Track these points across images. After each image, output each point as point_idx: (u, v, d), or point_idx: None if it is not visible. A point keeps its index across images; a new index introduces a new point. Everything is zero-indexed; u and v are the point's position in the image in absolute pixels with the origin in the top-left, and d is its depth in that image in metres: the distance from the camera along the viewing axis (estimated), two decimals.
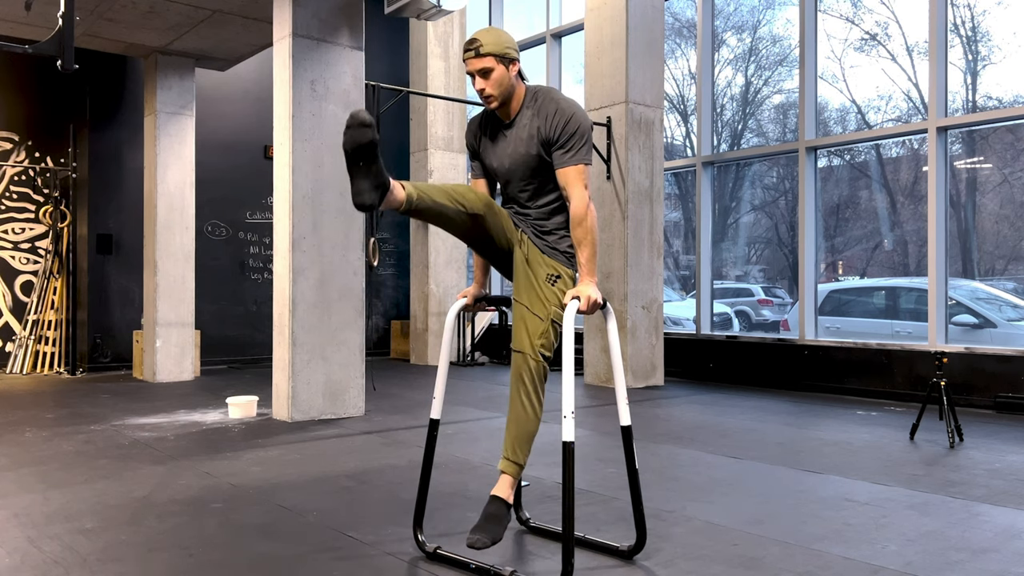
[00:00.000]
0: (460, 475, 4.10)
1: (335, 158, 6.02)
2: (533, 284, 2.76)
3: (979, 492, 3.78)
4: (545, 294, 2.74)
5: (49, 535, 3.09)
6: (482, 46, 2.68)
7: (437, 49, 10.32)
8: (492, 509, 2.70)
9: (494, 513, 2.69)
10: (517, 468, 2.74)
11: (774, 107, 8.77)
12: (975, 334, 6.90)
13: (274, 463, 4.40)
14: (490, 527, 2.65)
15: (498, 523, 2.67)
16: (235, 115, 9.95)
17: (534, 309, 2.73)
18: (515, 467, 2.73)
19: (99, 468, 4.27)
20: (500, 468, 2.74)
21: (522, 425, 2.71)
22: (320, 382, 5.90)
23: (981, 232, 7.08)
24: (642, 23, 7.82)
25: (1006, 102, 6.88)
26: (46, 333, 9.22)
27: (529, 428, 2.72)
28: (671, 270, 9.74)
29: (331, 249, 6.00)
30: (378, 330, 11.38)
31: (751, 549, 2.94)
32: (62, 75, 9.48)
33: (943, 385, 5.01)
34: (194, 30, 7.61)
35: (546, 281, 2.75)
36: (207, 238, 9.73)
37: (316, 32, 5.96)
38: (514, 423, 2.72)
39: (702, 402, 6.81)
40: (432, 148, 10.14)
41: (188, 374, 8.37)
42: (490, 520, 2.67)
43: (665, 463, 4.40)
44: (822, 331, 7.84)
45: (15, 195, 9.36)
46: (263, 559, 2.83)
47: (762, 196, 8.90)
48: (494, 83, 2.70)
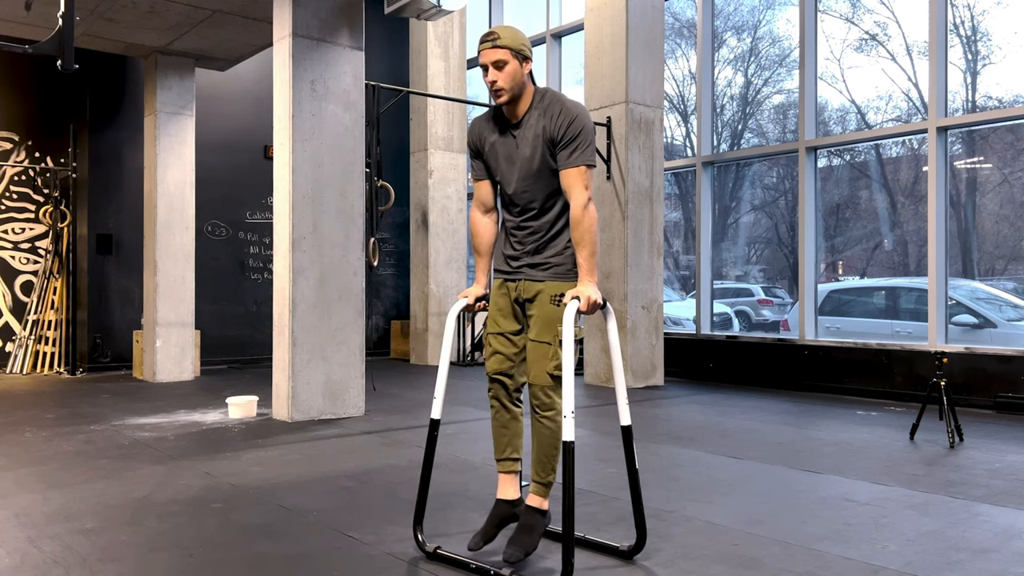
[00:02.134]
0: (460, 475, 4.10)
1: (335, 158, 6.03)
2: (537, 316, 2.76)
3: (979, 492, 3.78)
4: (551, 316, 2.74)
5: (49, 535, 3.09)
6: (500, 38, 2.69)
7: (437, 49, 10.32)
8: (527, 520, 2.75)
9: (528, 524, 2.74)
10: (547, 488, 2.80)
11: (774, 107, 8.77)
12: (975, 334, 6.90)
13: (274, 463, 4.40)
14: (523, 538, 2.70)
15: (531, 533, 2.71)
16: (235, 115, 9.95)
17: (541, 338, 2.73)
18: (545, 488, 2.79)
19: (99, 468, 4.27)
20: (533, 492, 2.79)
21: (548, 446, 2.76)
22: (320, 382, 5.90)
23: (981, 232, 7.08)
24: (642, 23, 7.82)
25: (1006, 102, 6.88)
26: (46, 333, 9.22)
27: (555, 443, 2.76)
28: (671, 270, 9.74)
29: (331, 249, 6.00)
30: (378, 330, 11.38)
31: (751, 549, 2.94)
32: (62, 75, 9.48)
33: (943, 385, 5.01)
34: (194, 30, 7.61)
35: (550, 303, 2.75)
36: (207, 238, 9.73)
37: (316, 32, 5.96)
38: (539, 447, 2.77)
39: (702, 402, 6.81)
40: (432, 148, 10.14)
41: (188, 374, 8.37)
42: (523, 531, 2.72)
43: (665, 463, 4.40)
44: (822, 331, 7.84)
45: (15, 195, 9.36)
46: (263, 559, 2.83)
47: (762, 196, 8.90)
48: (507, 76, 2.70)
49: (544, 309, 2.74)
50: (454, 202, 10.29)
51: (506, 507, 2.82)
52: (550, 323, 2.72)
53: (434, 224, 10.11)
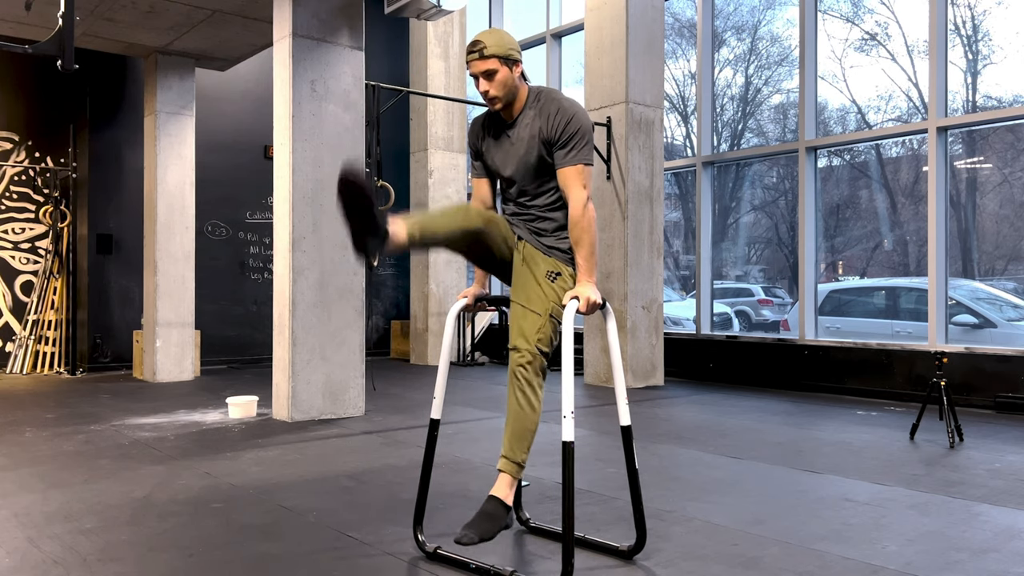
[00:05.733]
0: (460, 475, 4.10)
1: (335, 158, 6.02)
2: (531, 281, 2.74)
3: (979, 492, 3.78)
4: (544, 290, 2.72)
5: (49, 535, 3.09)
6: (485, 48, 2.67)
7: (437, 49, 10.32)
8: (488, 507, 2.66)
9: (489, 512, 2.65)
10: (516, 467, 2.68)
11: (774, 107, 8.77)
12: (975, 334, 6.90)
13: (274, 463, 4.40)
14: (481, 524, 2.60)
15: (491, 521, 2.62)
16: (235, 115, 9.95)
17: (531, 306, 2.70)
18: (514, 466, 2.67)
19: (99, 468, 4.27)
20: (499, 467, 2.69)
21: (520, 421, 2.66)
22: (320, 382, 5.90)
23: (981, 232, 7.08)
24: (642, 23, 7.82)
25: (1006, 102, 6.88)
26: (46, 333, 9.22)
27: (527, 425, 2.66)
28: (671, 270, 9.74)
29: (331, 249, 6.00)
30: (378, 330, 11.38)
31: (751, 549, 2.94)
32: (62, 75, 9.48)
33: (943, 385, 5.01)
34: (194, 30, 7.61)
35: (546, 277, 2.73)
36: (207, 238, 9.73)
37: (316, 32, 5.96)
38: (512, 420, 2.67)
39: (702, 402, 6.81)
40: (432, 148, 10.14)
41: (188, 374, 8.37)
42: (482, 517, 2.63)
43: (665, 463, 4.40)
44: (822, 331, 7.84)
45: (15, 195, 9.36)
46: (263, 559, 2.83)
47: (762, 196, 8.90)
48: (498, 85, 2.69)
49: (540, 277, 2.73)
50: (454, 202, 10.29)
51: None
52: (541, 296, 2.70)
53: None
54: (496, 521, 2.63)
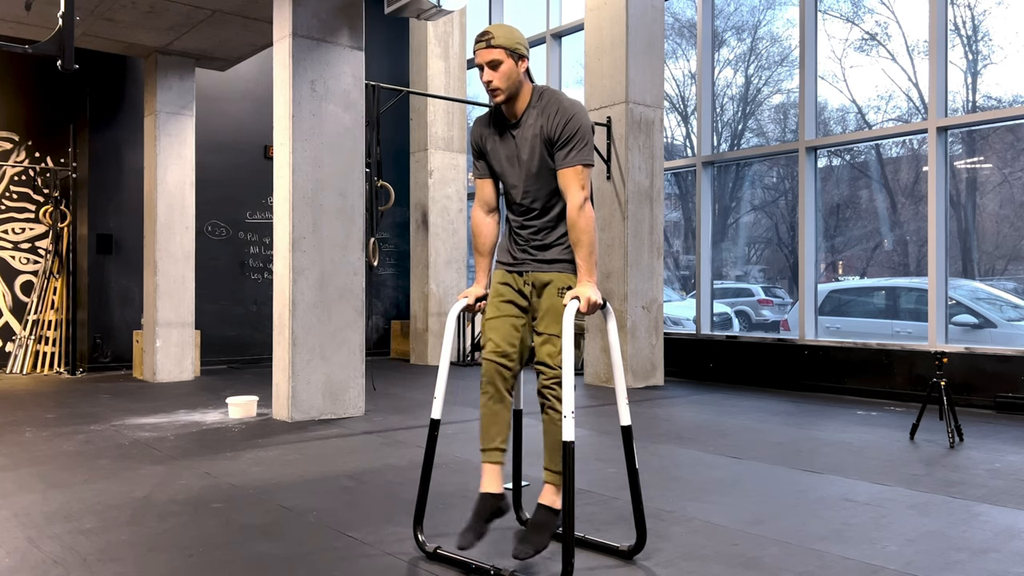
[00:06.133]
0: (460, 475, 4.10)
1: (335, 158, 6.02)
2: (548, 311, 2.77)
3: (979, 492, 3.78)
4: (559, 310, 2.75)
5: (49, 535, 3.09)
6: (493, 38, 2.69)
7: (437, 49, 10.32)
8: (538, 517, 2.76)
9: (540, 522, 2.74)
10: (558, 476, 2.79)
11: (774, 107, 8.77)
12: (975, 334, 6.90)
13: (274, 463, 4.40)
14: (534, 537, 2.69)
15: (542, 532, 2.71)
16: (235, 115, 9.95)
17: (550, 331, 2.75)
18: (556, 476, 2.79)
19: (99, 468, 4.27)
20: (545, 480, 2.80)
21: (554, 436, 2.77)
22: (320, 382, 5.90)
23: (981, 232, 7.08)
24: (642, 23, 7.82)
25: (1006, 102, 6.88)
26: (46, 333, 9.22)
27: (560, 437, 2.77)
28: (671, 270, 9.74)
29: (331, 249, 6.00)
30: (378, 330, 11.38)
31: (751, 549, 2.94)
32: (62, 75, 9.48)
33: (943, 385, 5.01)
34: (194, 30, 7.61)
35: (558, 297, 2.77)
36: (207, 238, 9.73)
37: (316, 32, 5.96)
38: (550, 435, 2.79)
39: (702, 402, 6.81)
40: (432, 148, 10.14)
41: (188, 374, 8.37)
42: (534, 528, 2.72)
43: (665, 463, 4.40)
44: (822, 331, 7.84)
45: (15, 195, 9.36)
46: (263, 559, 2.83)
47: (762, 196, 8.90)
48: (502, 76, 2.70)
49: (554, 301, 2.76)
50: (454, 202, 10.29)
51: (493, 501, 2.77)
52: (559, 316, 2.73)
53: (434, 224, 10.11)
54: (548, 530, 2.73)
